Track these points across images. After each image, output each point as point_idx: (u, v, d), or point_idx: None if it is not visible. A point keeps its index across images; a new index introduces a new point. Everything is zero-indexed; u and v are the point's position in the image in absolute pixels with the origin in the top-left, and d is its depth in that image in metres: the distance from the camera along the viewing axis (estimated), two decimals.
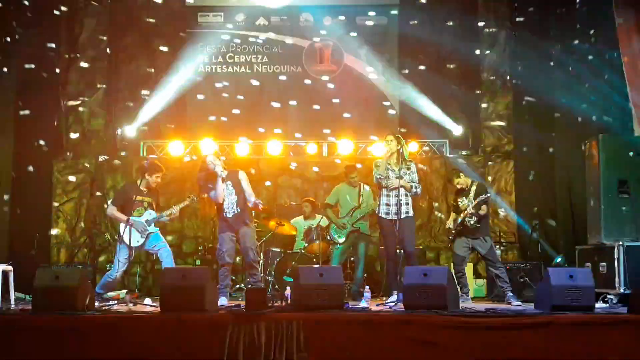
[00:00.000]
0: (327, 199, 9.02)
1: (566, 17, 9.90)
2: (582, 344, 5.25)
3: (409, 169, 7.29)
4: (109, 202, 7.99)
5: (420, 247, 9.79)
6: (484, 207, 7.87)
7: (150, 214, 7.61)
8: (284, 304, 6.34)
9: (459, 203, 8.06)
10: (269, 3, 11.56)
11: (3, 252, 8.79)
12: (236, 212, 7.46)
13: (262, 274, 8.41)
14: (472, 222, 7.82)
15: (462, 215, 7.90)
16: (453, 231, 8.07)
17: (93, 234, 10.42)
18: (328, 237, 8.84)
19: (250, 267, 7.54)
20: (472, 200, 7.86)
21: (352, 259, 9.05)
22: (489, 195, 7.85)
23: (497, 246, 9.13)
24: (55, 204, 10.57)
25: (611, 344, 5.21)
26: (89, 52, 11.13)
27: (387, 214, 7.27)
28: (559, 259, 9.06)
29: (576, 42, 9.64)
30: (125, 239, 7.36)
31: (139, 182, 7.74)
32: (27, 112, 9.81)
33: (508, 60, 10.97)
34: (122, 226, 7.46)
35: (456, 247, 8.07)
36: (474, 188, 7.97)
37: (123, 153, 11.11)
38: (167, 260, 7.52)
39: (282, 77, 11.70)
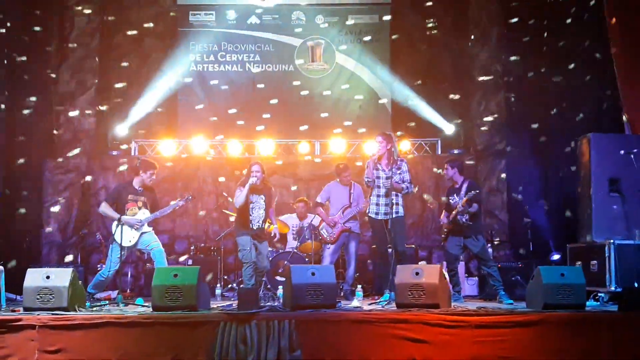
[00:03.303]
0: (317, 197, 9.00)
1: (558, 15, 9.93)
2: (574, 341, 5.27)
3: (399, 168, 7.28)
4: (103, 200, 7.90)
5: (412, 246, 9.79)
6: (474, 204, 7.88)
7: (144, 213, 7.57)
8: (276, 303, 6.34)
9: (451, 201, 8.06)
10: (261, 2, 11.55)
11: None
12: (261, 227, 7.74)
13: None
14: (463, 219, 7.83)
15: (453, 212, 7.90)
16: (445, 229, 8.07)
17: (84, 233, 10.37)
18: (320, 237, 8.83)
19: (262, 275, 7.93)
20: (462, 198, 7.87)
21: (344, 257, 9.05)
22: (478, 191, 7.84)
23: (489, 245, 9.14)
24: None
25: (602, 342, 5.24)
26: (80, 51, 11.07)
27: (377, 214, 7.28)
28: (555, 256, 9.08)
29: (568, 40, 9.67)
30: (117, 238, 7.32)
31: (133, 181, 7.70)
32: (17, 111, 9.78)
33: (500, 59, 10.98)
34: (114, 226, 7.43)
35: (448, 245, 8.08)
36: (465, 186, 7.98)
37: (114, 152, 11.06)
38: (160, 260, 7.50)
39: (274, 76, 11.69)
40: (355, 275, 8.74)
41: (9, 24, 9.59)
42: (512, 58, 10.66)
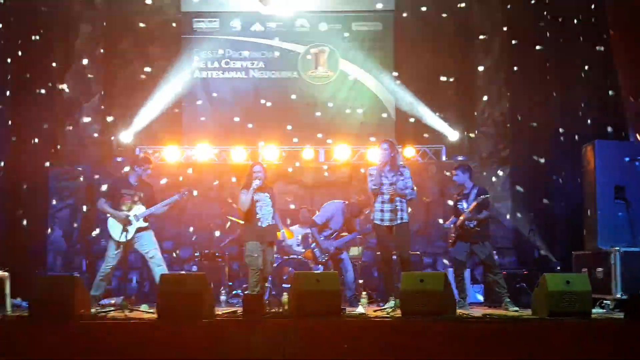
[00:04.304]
0: (316, 217, 8.83)
1: (560, 24, 9.94)
2: (579, 349, 5.25)
3: (402, 175, 7.29)
4: (100, 195, 7.84)
5: (417, 252, 9.77)
6: (484, 211, 7.87)
7: (139, 209, 7.51)
8: (281, 310, 6.34)
9: (459, 206, 8.05)
10: (264, 9, 11.58)
11: None
12: (271, 223, 7.63)
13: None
14: (471, 225, 7.81)
15: (461, 218, 7.88)
16: (453, 234, 8.04)
17: (89, 240, 10.38)
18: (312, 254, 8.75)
19: (264, 280, 7.76)
20: (471, 204, 7.86)
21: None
22: (487, 196, 7.84)
23: (494, 251, 9.12)
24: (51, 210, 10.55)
25: (608, 350, 5.21)
26: (85, 58, 11.12)
27: (382, 220, 7.27)
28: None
29: (571, 48, 9.67)
30: (112, 233, 7.29)
31: (130, 176, 7.65)
32: (22, 118, 9.81)
33: (503, 67, 11.00)
34: (109, 221, 7.42)
35: (455, 251, 8.06)
36: (474, 192, 7.97)
37: (119, 159, 11.09)
38: (158, 269, 7.42)
39: (278, 83, 11.71)
40: (357, 281, 8.71)
41: (13, 32, 9.63)
42: (516, 65, 10.66)
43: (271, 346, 5.26)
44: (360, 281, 8.82)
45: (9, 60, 9.53)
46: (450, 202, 8.79)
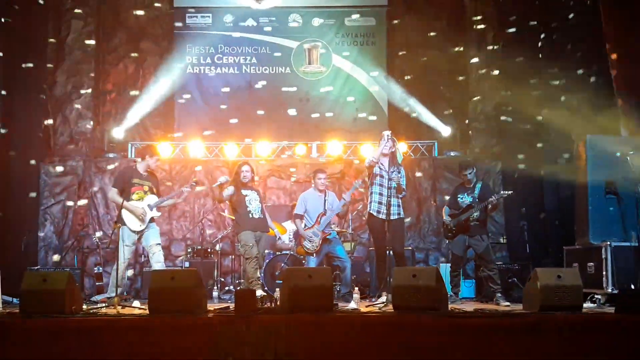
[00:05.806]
0: (296, 209, 8.67)
1: (555, 19, 9.95)
2: (570, 344, 5.26)
3: (399, 172, 7.30)
4: (110, 185, 7.68)
5: (409, 248, 9.78)
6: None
7: (152, 199, 7.43)
8: (273, 305, 6.34)
9: (459, 199, 8.05)
10: (257, 5, 11.56)
11: None
12: (261, 216, 7.85)
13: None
14: (474, 216, 7.82)
15: (470, 210, 7.85)
16: (453, 228, 8.02)
17: (81, 236, 10.35)
18: (305, 248, 8.63)
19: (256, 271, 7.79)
20: (475, 198, 7.86)
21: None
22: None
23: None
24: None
25: (599, 344, 5.23)
26: (76, 54, 11.09)
27: (379, 212, 7.27)
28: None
29: (564, 41, 9.69)
30: (130, 224, 7.19)
31: (137, 166, 7.54)
32: (13, 113, 9.77)
33: (496, 60, 11.01)
34: (124, 212, 7.29)
35: (454, 246, 8.07)
36: (479, 186, 7.98)
37: (111, 155, 11.05)
38: (157, 265, 7.38)
39: (271, 78, 11.70)
40: (352, 277, 8.70)
41: (4, 28, 9.58)
42: (509, 60, 10.67)
43: (263, 342, 5.26)
44: (353, 277, 8.79)
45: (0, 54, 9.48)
46: (442, 197, 8.78)
